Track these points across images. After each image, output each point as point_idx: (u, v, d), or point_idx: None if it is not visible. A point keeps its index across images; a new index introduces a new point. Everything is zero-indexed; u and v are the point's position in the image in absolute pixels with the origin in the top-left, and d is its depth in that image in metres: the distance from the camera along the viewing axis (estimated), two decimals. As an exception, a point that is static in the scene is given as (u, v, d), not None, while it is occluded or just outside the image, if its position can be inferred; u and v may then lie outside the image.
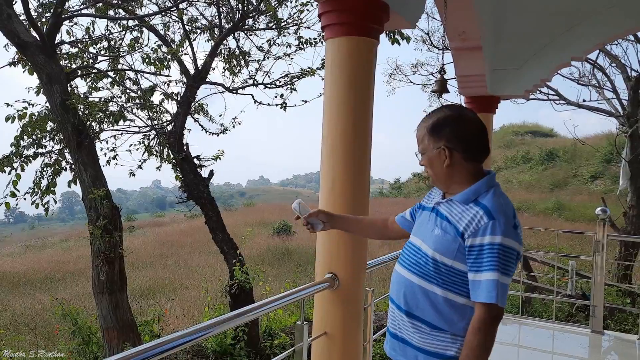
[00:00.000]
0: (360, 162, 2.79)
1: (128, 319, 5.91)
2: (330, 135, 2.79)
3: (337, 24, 2.76)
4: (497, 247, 1.71)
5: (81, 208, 77.64)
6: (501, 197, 1.83)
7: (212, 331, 2.00)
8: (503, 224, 1.73)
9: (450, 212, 1.87)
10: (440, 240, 1.85)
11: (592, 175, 27.80)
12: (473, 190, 1.85)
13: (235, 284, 5.79)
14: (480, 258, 1.74)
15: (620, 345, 5.22)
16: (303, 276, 14.78)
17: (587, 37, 5.30)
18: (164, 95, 6.96)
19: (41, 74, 5.71)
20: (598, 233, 5.37)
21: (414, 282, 1.92)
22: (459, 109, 1.95)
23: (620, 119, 9.38)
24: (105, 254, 5.61)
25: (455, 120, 1.89)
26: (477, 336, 1.73)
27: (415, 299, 1.90)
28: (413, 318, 1.90)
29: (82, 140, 5.78)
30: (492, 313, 1.72)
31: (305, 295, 2.53)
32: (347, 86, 2.76)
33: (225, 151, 6.67)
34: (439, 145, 1.88)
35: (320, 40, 6.35)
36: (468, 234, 1.77)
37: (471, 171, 1.89)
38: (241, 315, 2.20)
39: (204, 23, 7.17)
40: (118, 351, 5.52)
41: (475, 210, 1.79)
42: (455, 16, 4.54)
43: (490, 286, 1.71)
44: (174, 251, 22.62)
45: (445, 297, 1.84)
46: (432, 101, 13.22)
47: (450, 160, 1.87)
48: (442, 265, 1.83)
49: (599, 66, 9.71)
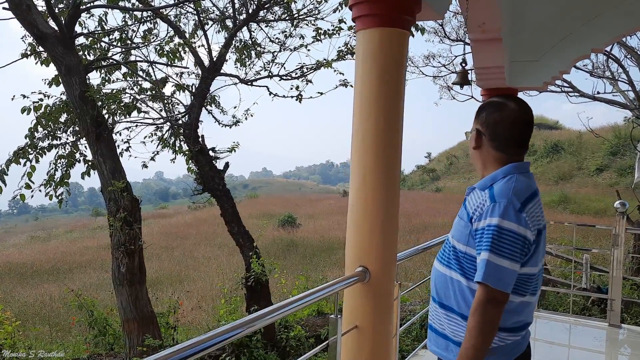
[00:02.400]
0: (391, 156, 2.75)
1: (148, 310, 5.93)
2: (361, 128, 2.76)
3: (369, 15, 2.72)
4: (493, 227, 1.71)
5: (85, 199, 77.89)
6: (514, 183, 1.80)
7: (255, 324, 1.99)
8: (503, 206, 1.73)
9: (470, 199, 1.90)
10: (457, 227, 1.91)
11: (598, 168, 27.71)
12: (491, 177, 1.87)
13: (252, 276, 5.79)
14: (481, 241, 1.74)
15: (637, 339, 5.21)
16: (310, 268, 14.82)
17: (608, 28, 5.23)
18: (176, 86, 6.93)
19: (60, 66, 5.69)
20: (617, 227, 5.33)
21: (442, 272, 1.96)
22: (508, 97, 1.94)
23: (636, 111, 9.30)
24: (126, 246, 5.61)
25: (494, 106, 1.91)
26: (474, 317, 1.70)
27: (445, 288, 1.92)
28: (446, 309, 1.92)
29: (101, 132, 5.76)
30: (487, 294, 1.69)
31: (340, 289, 2.50)
32: (378, 79, 2.72)
33: (228, 142, 6.65)
34: (476, 128, 1.96)
35: (336, 31, 6.31)
36: (475, 218, 1.79)
37: (498, 159, 1.90)
38: (279, 310, 2.17)
39: (217, 14, 7.12)
40: (138, 343, 5.55)
41: (485, 195, 1.81)
42: (476, 7, 4.49)
43: (481, 265, 1.70)
44: (179, 243, 22.72)
45: (469, 287, 1.84)
46: (442, 93, 13.14)
47: (476, 143, 1.94)
48: (459, 252, 1.86)
49: (615, 57, 9.62)
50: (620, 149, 26.79)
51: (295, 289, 6.41)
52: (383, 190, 2.75)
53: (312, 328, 6.15)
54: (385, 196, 2.76)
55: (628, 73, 9.53)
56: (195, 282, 14.71)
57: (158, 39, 6.60)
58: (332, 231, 22.03)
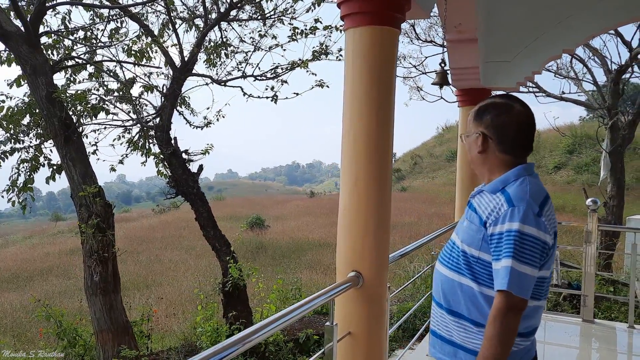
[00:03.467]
0: (383, 159, 2.70)
1: (123, 320, 5.69)
2: (353, 129, 2.70)
3: (359, 13, 2.66)
4: (514, 233, 1.66)
5: (43, 204, 75.55)
6: (528, 185, 1.77)
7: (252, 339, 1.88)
8: (523, 210, 1.68)
9: (480, 202, 1.84)
10: (467, 231, 1.83)
11: (556, 166, 28.48)
12: (501, 180, 1.81)
13: (229, 281, 5.65)
14: (499, 246, 1.69)
15: (610, 334, 5.32)
16: (280, 270, 14.70)
17: (578, 29, 5.34)
18: (144, 87, 6.72)
19: (25, 66, 5.41)
20: (589, 224, 5.44)
21: (449, 277, 1.88)
22: (510, 98, 1.88)
23: (600, 111, 9.57)
24: (99, 253, 5.38)
25: (500, 108, 1.83)
26: (493, 325, 1.65)
27: (454, 294, 1.86)
28: (455, 315, 1.85)
29: (70, 135, 5.51)
30: (507, 302, 1.64)
31: (335, 296, 2.43)
32: (369, 78, 2.67)
33: (194, 143, 6.49)
34: (478, 131, 1.86)
35: (311, 31, 6.22)
36: (490, 223, 1.73)
37: (505, 162, 1.84)
38: (274, 323, 2.04)
39: (187, 13, 6.94)
40: (113, 354, 5.32)
41: (498, 199, 1.76)
42: (453, 7, 4.50)
43: (504, 273, 1.65)
44: (144, 247, 22.21)
45: (481, 292, 1.78)
46: (412, 94, 13.23)
47: (482, 147, 1.85)
48: (470, 257, 1.80)
49: (579, 58, 9.88)
50: (577, 147, 27.63)
51: (272, 293, 6.30)
52: (375, 193, 2.70)
53: (290, 332, 6.06)
54: (378, 199, 2.70)
55: (592, 73, 9.83)
56: (164, 287, 14.40)
57: (127, 39, 6.37)
58: (301, 232, 21.97)
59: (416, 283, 8.58)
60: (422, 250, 10.18)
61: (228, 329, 5.55)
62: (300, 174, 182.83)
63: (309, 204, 33.05)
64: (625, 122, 9.11)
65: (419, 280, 8.56)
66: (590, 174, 24.59)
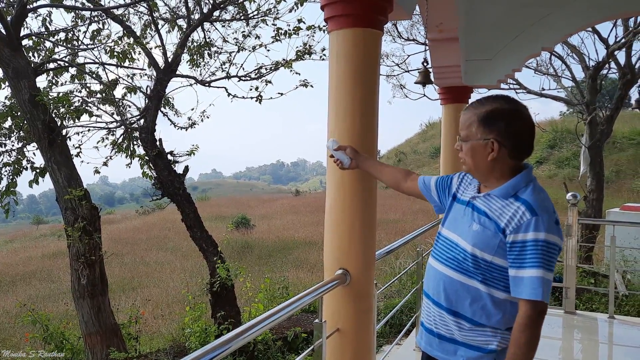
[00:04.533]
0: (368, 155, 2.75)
1: (111, 323, 5.68)
2: (338, 128, 2.75)
3: (342, 15, 2.71)
4: (541, 243, 1.71)
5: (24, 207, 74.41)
6: (542, 193, 1.83)
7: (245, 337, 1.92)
8: (546, 220, 1.73)
9: (490, 207, 1.85)
10: (479, 236, 1.83)
11: (537, 161, 28.80)
12: (512, 185, 1.83)
13: (217, 281, 5.67)
14: (523, 254, 1.73)
15: (592, 324, 5.45)
16: (267, 269, 14.70)
17: (556, 27, 5.46)
18: (127, 88, 6.69)
19: (7, 69, 5.35)
20: (570, 217, 5.56)
21: (453, 278, 1.90)
22: (515, 103, 1.87)
23: (579, 106, 9.75)
24: (86, 256, 5.36)
25: (512, 115, 1.82)
26: (525, 333, 1.71)
27: (457, 295, 1.89)
28: (458, 316, 1.89)
29: (54, 138, 5.47)
30: (537, 309, 1.71)
31: (324, 293, 2.48)
32: (353, 79, 2.72)
33: (176, 144, 6.49)
34: (488, 137, 1.81)
35: (294, 31, 6.25)
36: (510, 230, 1.76)
37: (512, 167, 1.86)
38: (264, 321, 2.07)
39: (169, 14, 6.92)
40: (102, 357, 5.31)
41: (516, 206, 1.78)
42: (435, 7, 4.58)
43: (535, 283, 1.69)
44: (129, 249, 22.01)
45: (489, 294, 1.83)
46: (395, 91, 13.33)
47: (497, 155, 1.82)
48: (481, 261, 1.82)
49: (558, 55, 10.06)
50: (558, 142, 27.97)
51: (260, 292, 6.32)
52: (361, 192, 2.75)
53: (278, 330, 6.09)
54: (364, 197, 2.76)
55: (571, 70, 10.02)
56: (150, 289, 14.31)
57: (110, 40, 6.33)
58: (287, 231, 21.96)
59: (402, 279, 8.68)
60: (407, 246, 10.28)
61: (217, 329, 5.57)
62: (285, 173, 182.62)
63: (294, 203, 33.02)
64: (604, 117, 9.30)
65: (405, 277, 8.65)
66: (571, 168, 24.90)
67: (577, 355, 4.74)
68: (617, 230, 6.59)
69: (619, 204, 10.54)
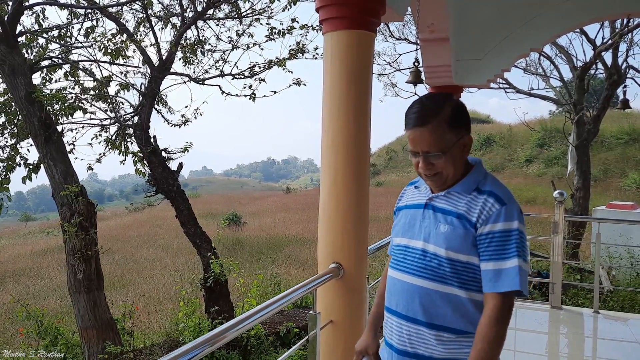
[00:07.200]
0: (361, 155, 2.85)
1: (107, 317, 5.75)
2: (332, 128, 2.83)
3: (336, 17, 2.79)
4: (515, 232, 1.64)
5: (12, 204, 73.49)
6: (501, 183, 1.77)
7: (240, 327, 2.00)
8: (516, 209, 1.68)
9: (454, 204, 1.75)
10: (451, 237, 1.71)
11: (527, 159, 29.04)
12: (473, 179, 1.76)
13: (210, 277, 5.74)
14: (494, 245, 1.65)
15: (577, 319, 5.58)
16: (259, 266, 14.76)
17: (544, 28, 5.57)
18: (120, 85, 6.73)
19: (3, 66, 5.39)
20: (556, 215, 5.68)
21: (430, 289, 1.74)
22: (450, 94, 1.82)
23: (567, 106, 9.92)
24: (82, 252, 5.41)
25: (461, 105, 1.76)
26: (495, 328, 1.61)
27: (436, 306, 1.73)
28: (436, 329, 1.74)
29: (50, 135, 5.51)
30: (509, 302, 1.64)
31: (318, 286, 2.57)
32: (347, 79, 2.80)
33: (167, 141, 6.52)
34: (461, 135, 1.73)
35: (288, 31, 6.32)
36: (480, 223, 1.68)
37: (466, 160, 1.81)
38: (260, 312, 2.16)
39: (164, 12, 6.96)
40: (98, 350, 5.38)
41: (483, 198, 1.70)
42: (426, 8, 4.67)
43: (513, 273, 1.62)
44: (119, 246, 21.94)
45: (469, 298, 1.71)
46: (387, 90, 13.44)
47: (467, 151, 1.77)
48: (457, 263, 1.70)
49: (547, 55, 10.23)
50: (547, 141, 28.21)
51: (253, 287, 6.41)
52: (354, 188, 2.84)
53: (270, 325, 6.18)
54: (356, 193, 2.85)
55: (559, 70, 10.19)
56: (141, 286, 14.32)
57: (104, 37, 6.36)
58: (278, 228, 22.02)
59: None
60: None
61: (210, 323, 5.65)
62: (275, 170, 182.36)
63: (285, 200, 33.07)
64: (591, 116, 9.47)
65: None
66: (560, 166, 25.17)
67: (562, 349, 4.87)
68: (603, 228, 6.72)
69: (607, 202, 10.72)
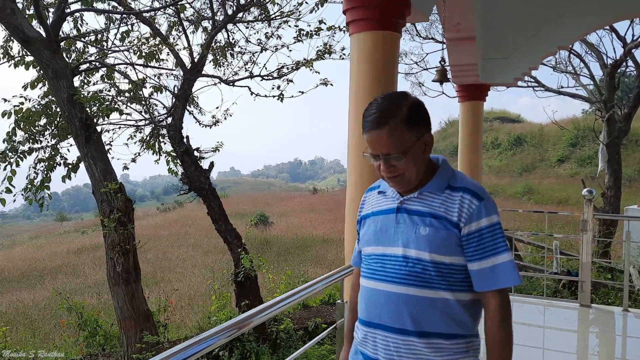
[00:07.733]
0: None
1: (144, 309, 6.03)
2: (358, 127, 2.89)
3: (362, 19, 2.91)
4: (498, 226, 1.62)
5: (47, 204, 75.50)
6: (469, 178, 1.74)
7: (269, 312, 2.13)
8: (492, 202, 1.65)
9: (429, 205, 1.68)
10: (433, 239, 1.63)
11: (559, 159, 28.51)
12: (443, 177, 1.70)
13: (241, 272, 5.92)
14: (484, 243, 1.61)
15: (606, 317, 5.54)
16: (286, 265, 14.95)
17: (572, 26, 5.56)
18: (154, 88, 6.98)
19: (47, 70, 5.69)
20: (585, 213, 5.65)
21: (418, 296, 1.65)
22: (406, 92, 1.73)
23: (597, 104, 9.80)
24: (121, 245, 5.68)
25: (419, 103, 1.69)
26: (503, 326, 1.59)
27: (425, 313, 1.65)
28: (429, 336, 1.65)
29: (90, 135, 5.81)
30: (508, 297, 1.62)
31: (345, 276, 2.68)
32: (373, 80, 2.92)
33: (196, 142, 6.72)
34: (421, 134, 1.65)
35: (315, 32, 6.46)
36: (463, 222, 1.62)
37: (428, 158, 1.74)
38: (293, 296, 2.29)
39: (195, 16, 7.18)
40: (135, 340, 5.62)
41: (459, 196, 1.65)
42: (452, 8, 4.74)
43: (508, 268, 1.59)
44: (151, 245, 22.43)
45: (456, 300, 1.65)
46: (414, 89, 13.47)
47: (430, 146, 1.69)
48: (442, 265, 1.63)
49: (576, 53, 10.11)
50: (580, 140, 27.64)
51: (282, 283, 6.58)
52: (380, 184, 2.95)
53: (299, 321, 6.33)
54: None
55: (589, 68, 10.07)
56: (173, 283, 14.66)
57: (139, 41, 6.63)
58: (305, 228, 22.18)
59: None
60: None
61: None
62: (302, 171, 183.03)
63: (312, 201, 33.26)
64: (622, 114, 9.34)
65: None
66: (593, 166, 24.58)
67: (591, 347, 4.85)
68: (634, 226, 6.65)
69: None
